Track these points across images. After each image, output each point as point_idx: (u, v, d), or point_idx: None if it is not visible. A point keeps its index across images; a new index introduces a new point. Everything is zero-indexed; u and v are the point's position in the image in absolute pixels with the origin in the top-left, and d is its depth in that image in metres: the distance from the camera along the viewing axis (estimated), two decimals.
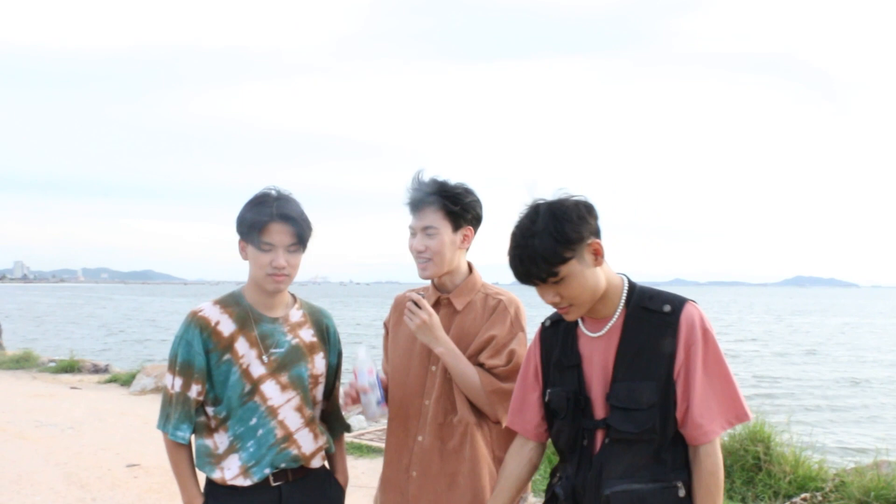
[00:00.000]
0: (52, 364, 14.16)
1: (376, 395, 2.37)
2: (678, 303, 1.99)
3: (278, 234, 2.32)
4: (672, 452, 1.96)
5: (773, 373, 21.19)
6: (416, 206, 2.44)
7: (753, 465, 5.82)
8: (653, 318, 1.98)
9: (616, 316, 2.03)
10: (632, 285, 2.07)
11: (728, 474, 5.86)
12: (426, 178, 2.44)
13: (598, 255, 1.97)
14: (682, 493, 1.93)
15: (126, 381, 12.06)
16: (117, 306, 71.21)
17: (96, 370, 13.71)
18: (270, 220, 2.32)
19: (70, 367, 13.74)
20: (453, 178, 2.46)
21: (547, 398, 2.15)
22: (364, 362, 2.39)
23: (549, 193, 2.01)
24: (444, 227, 2.42)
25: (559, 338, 2.15)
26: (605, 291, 2.01)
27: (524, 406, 2.23)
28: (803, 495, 5.46)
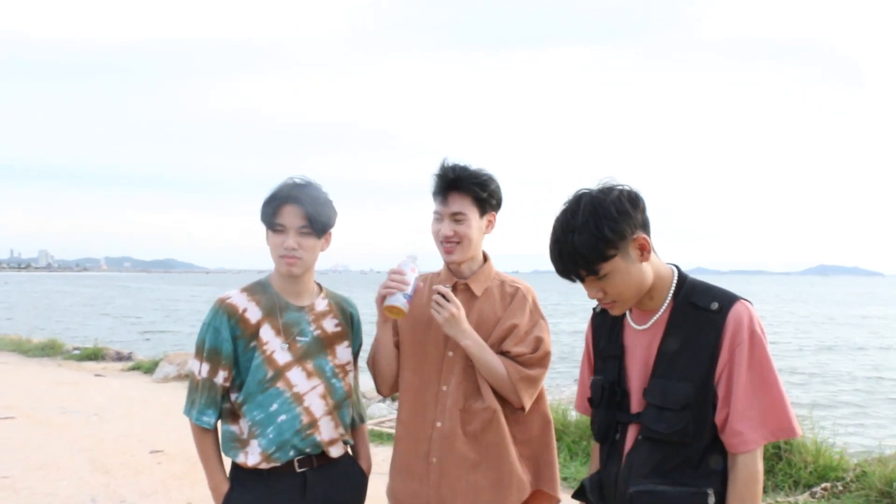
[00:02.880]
0: (77, 352, 14.35)
1: (409, 289, 2.34)
2: (728, 301, 1.87)
3: (289, 216, 2.36)
4: (708, 457, 1.85)
5: (801, 364, 21.02)
6: (445, 191, 2.45)
7: (774, 454, 5.78)
8: (699, 315, 1.88)
9: (662, 309, 1.95)
10: (682, 278, 1.97)
11: None
12: (451, 164, 2.45)
13: (644, 250, 1.87)
14: (711, 500, 1.81)
15: (149, 368, 12.19)
16: (140, 295, 71.88)
17: (120, 358, 13.88)
18: (283, 202, 2.36)
19: (94, 355, 13.93)
20: (475, 165, 2.48)
21: (589, 386, 2.11)
22: (410, 259, 2.39)
23: (595, 182, 1.90)
24: (473, 213, 2.44)
25: (607, 326, 2.10)
26: (653, 285, 1.93)
27: (584, 400, 2.19)
28: (824, 485, 5.43)
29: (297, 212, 2.36)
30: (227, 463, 2.45)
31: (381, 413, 8.44)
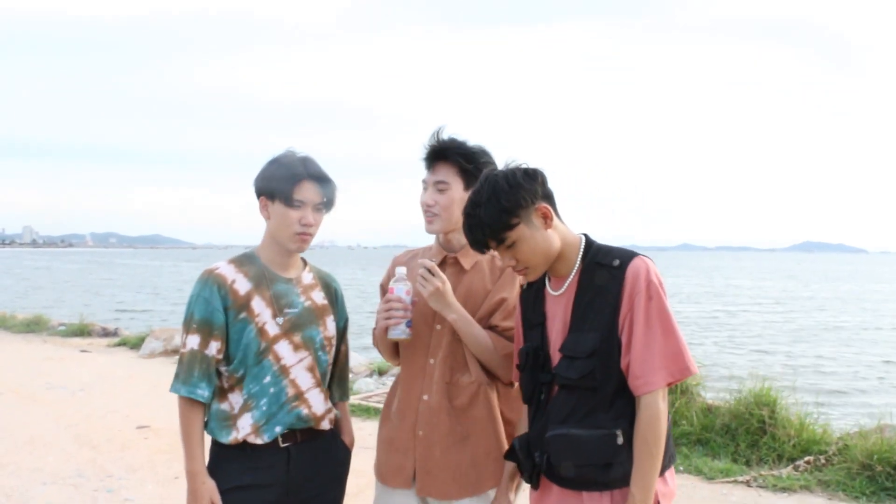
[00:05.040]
0: (62, 328, 14.30)
1: (408, 314, 2.35)
2: (627, 257, 2.05)
3: (309, 192, 2.35)
4: (617, 402, 2.02)
5: (787, 342, 21.14)
6: (431, 160, 2.45)
7: (758, 428, 5.85)
8: (603, 272, 2.05)
9: (573, 274, 2.12)
10: (588, 243, 2.14)
11: (733, 437, 5.91)
12: (445, 135, 2.45)
13: (546, 218, 2.06)
14: (619, 440, 1.98)
15: (135, 344, 12.17)
16: (126, 271, 71.55)
17: (106, 334, 13.84)
18: (302, 177, 2.35)
19: (80, 331, 13.88)
20: (472, 140, 2.48)
21: (517, 354, 2.27)
22: (404, 282, 2.37)
23: (501, 164, 2.13)
24: (456, 184, 2.42)
25: (531, 298, 2.25)
26: (562, 251, 2.11)
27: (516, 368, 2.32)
28: (807, 458, 5.50)
29: (317, 188, 2.37)
30: (208, 441, 2.41)
31: (367, 388, 8.46)
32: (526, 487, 2.30)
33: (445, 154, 2.42)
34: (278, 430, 2.36)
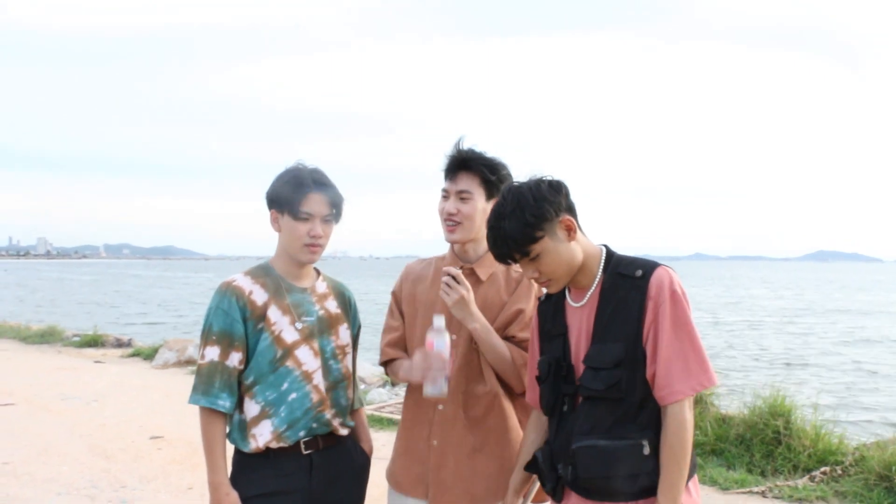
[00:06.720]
0: (77, 338, 14.39)
1: (447, 370, 2.28)
2: (650, 267, 2.05)
3: (316, 203, 2.38)
4: (643, 412, 2.01)
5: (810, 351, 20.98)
6: (454, 170, 2.45)
7: (773, 438, 5.81)
8: (626, 282, 2.05)
9: (595, 285, 2.11)
10: (609, 254, 2.15)
11: (748, 448, 5.87)
12: (466, 145, 2.46)
13: (570, 230, 2.06)
14: (646, 451, 1.97)
15: (149, 355, 12.23)
16: (140, 283, 71.88)
17: (119, 344, 13.92)
18: (309, 190, 2.37)
19: (94, 342, 13.97)
20: (491, 152, 2.48)
21: (537, 365, 2.25)
22: (443, 334, 2.27)
23: (524, 175, 2.12)
24: (479, 194, 2.43)
25: (551, 310, 2.24)
26: (584, 263, 2.11)
27: (531, 379, 2.30)
28: (823, 469, 5.45)
29: (324, 199, 2.39)
30: (230, 449, 2.42)
31: (381, 398, 8.46)
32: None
33: (468, 164, 2.43)
34: (302, 434, 2.38)
